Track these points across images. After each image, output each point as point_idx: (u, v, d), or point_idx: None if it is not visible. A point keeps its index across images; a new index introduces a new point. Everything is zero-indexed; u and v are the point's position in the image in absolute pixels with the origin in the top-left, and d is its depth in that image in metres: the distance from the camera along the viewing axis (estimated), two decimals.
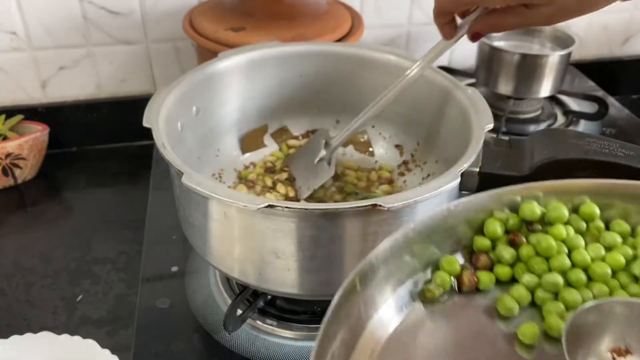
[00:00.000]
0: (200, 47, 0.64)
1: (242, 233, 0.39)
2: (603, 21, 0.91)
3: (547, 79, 0.73)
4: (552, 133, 0.44)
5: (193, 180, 0.37)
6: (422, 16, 0.83)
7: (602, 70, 0.94)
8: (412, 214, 0.38)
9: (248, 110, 0.56)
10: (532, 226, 0.37)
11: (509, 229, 0.37)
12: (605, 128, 0.77)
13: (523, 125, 0.76)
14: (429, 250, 0.35)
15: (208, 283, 0.52)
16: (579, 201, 0.37)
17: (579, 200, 0.37)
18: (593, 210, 0.37)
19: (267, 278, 0.41)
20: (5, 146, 0.69)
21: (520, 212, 0.37)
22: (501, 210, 0.37)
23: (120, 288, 0.59)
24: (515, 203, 0.37)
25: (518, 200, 0.37)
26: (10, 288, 0.58)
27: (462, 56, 0.89)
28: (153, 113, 0.43)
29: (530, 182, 0.37)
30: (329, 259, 0.39)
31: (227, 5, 0.66)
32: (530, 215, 0.36)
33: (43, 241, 0.64)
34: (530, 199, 0.37)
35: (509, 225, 0.37)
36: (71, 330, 0.54)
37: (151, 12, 0.74)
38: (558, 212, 0.36)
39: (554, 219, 0.36)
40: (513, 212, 0.37)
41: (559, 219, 0.36)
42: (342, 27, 0.64)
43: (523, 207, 0.37)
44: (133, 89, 0.79)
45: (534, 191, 0.37)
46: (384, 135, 0.57)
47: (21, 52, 0.73)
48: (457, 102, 0.47)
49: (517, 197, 0.37)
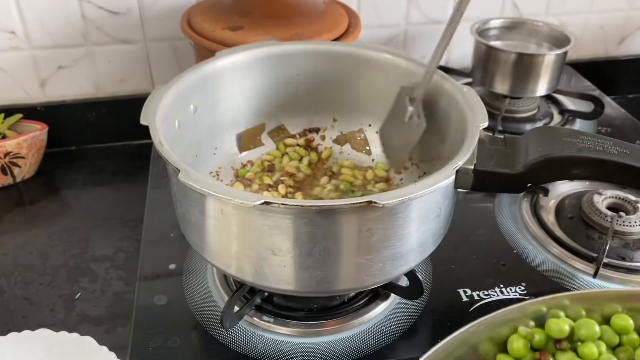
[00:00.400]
0: (198, 47, 0.64)
1: (238, 230, 0.40)
2: (599, 21, 0.92)
3: (543, 78, 0.73)
4: (547, 131, 0.44)
5: (190, 178, 0.37)
6: (419, 15, 0.84)
7: (598, 70, 0.95)
8: (407, 210, 0.39)
9: (245, 109, 0.56)
10: (560, 344, 0.34)
11: (535, 347, 0.34)
12: (601, 127, 0.77)
13: (519, 124, 0.77)
14: None
15: (205, 280, 0.52)
16: (609, 311, 0.35)
17: (610, 310, 0.35)
18: (627, 322, 0.34)
19: (263, 275, 0.41)
20: (4, 145, 0.69)
21: (546, 329, 0.35)
22: (526, 324, 0.35)
23: (119, 286, 0.59)
24: (542, 314, 0.35)
25: (544, 310, 0.35)
26: (9, 285, 0.59)
27: (458, 55, 0.89)
28: (150, 111, 0.43)
29: (556, 294, 0.35)
30: (325, 255, 0.39)
31: (225, 4, 0.66)
32: (557, 333, 0.34)
33: (41, 239, 0.65)
34: (556, 308, 0.35)
35: (534, 343, 0.34)
36: (69, 327, 0.54)
37: (149, 12, 0.74)
38: (589, 329, 0.34)
39: (584, 337, 0.34)
40: (539, 326, 0.35)
41: (589, 337, 0.34)
42: (339, 27, 0.64)
43: (550, 323, 0.34)
44: (131, 88, 0.80)
45: (561, 301, 0.35)
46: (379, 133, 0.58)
47: (20, 51, 0.74)
48: (452, 101, 0.48)
49: (542, 308, 0.35)
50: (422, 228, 0.41)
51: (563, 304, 0.36)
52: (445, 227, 0.45)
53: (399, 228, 0.39)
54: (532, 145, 0.43)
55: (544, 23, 0.80)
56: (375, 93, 0.55)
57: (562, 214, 0.61)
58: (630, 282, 0.53)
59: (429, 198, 0.40)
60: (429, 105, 0.51)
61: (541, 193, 0.62)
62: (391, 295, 0.50)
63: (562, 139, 0.42)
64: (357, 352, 0.46)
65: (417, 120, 0.51)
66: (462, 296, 0.51)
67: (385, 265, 0.41)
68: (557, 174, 0.41)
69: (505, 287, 0.52)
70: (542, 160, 0.41)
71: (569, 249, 0.56)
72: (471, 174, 0.42)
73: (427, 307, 0.50)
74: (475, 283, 0.52)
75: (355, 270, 0.41)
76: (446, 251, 0.51)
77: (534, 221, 0.59)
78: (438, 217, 0.42)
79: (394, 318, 0.49)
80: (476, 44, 0.76)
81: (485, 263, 0.55)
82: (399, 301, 0.50)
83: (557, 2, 0.88)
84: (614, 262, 0.54)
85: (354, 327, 0.48)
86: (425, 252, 0.44)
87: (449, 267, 0.54)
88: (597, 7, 0.90)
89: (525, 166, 0.42)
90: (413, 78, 0.52)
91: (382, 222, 0.38)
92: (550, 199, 0.62)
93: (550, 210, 0.61)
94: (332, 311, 0.48)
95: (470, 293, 0.51)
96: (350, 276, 0.41)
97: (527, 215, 0.60)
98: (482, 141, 0.43)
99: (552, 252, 0.56)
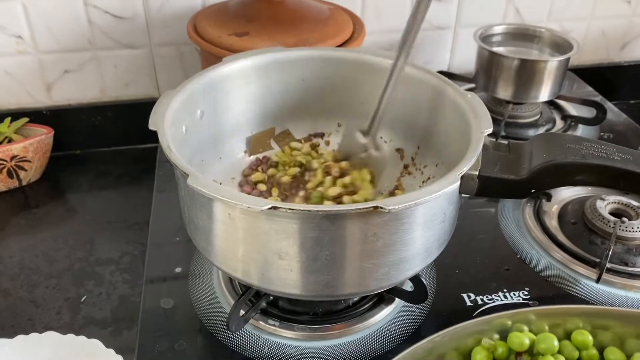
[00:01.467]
0: (204, 52, 0.65)
1: (245, 234, 0.40)
2: (601, 27, 0.92)
3: (546, 84, 0.74)
4: (550, 137, 0.45)
5: (198, 182, 0.37)
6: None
7: (600, 76, 0.95)
8: (412, 216, 0.39)
9: (251, 114, 0.56)
10: (520, 357, 0.36)
11: (497, 359, 0.36)
12: (603, 133, 0.78)
13: (522, 130, 0.77)
14: None
15: (211, 284, 0.53)
16: (572, 326, 0.37)
17: (572, 325, 0.37)
18: (586, 338, 0.36)
19: (270, 279, 0.41)
20: (10, 148, 0.69)
21: (508, 342, 0.36)
22: (491, 336, 0.37)
23: (124, 289, 0.59)
24: (506, 328, 0.37)
25: (509, 324, 0.37)
26: (15, 288, 0.59)
27: (461, 61, 0.90)
28: (159, 116, 0.44)
29: (520, 309, 0.37)
30: (331, 260, 0.39)
31: (231, 10, 0.67)
32: (518, 346, 0.36)
33: (47, 242, 0.65)
34: (520, 322, 0.36)
35: (497, 355, 0.36)
36: (75, 330, 0.54)
37: (155, 17, 0.75)
38: (548, 343, 0.36)
39: (543, 350, 0.36)
40: (503, 339, 0.36)
41: (548, 351, 0.36)
42: (344, 33, 0.65)
43: (511, 336, 0.36)
44: (137, 93, 0.80)
45: (526, 315, 0.37)
46: (384, 139, 0.58)
47: (27, 55, 0.74)
48: (456, 107, 0.48)
49: (507, 322, 0.37)
50: (427, 233, 0.41)
51: (528, 319, 0.37)
52: (450, 232, 0.45)
53: (404, 233, 0.40)
54: (536, 151, 0.43)
55: (546, 29, 0.80)
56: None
57: (565, 219, 0.61)
58: (632, 287, 0.53)
59: (434, 203, 0.40)
60: (433, 110, 0.52)
61: (544, 198, 0.62)
62: (395, 300, 0.50)
63: (566, 146, 0.42)
64: (362, 356, 0.46)
65: (375, 153, 0.51)
66: (466, 300, 0.51)
67: (391, 269, 0.41)
68: (561, 180, 0.42)
69: (508, 291, 0.52)
70: (546, 167, 0.41)
71: (572, 254, 0.56)
72: (476, 180, 0.42)
73: (431, 311, 0.50)
74: (479, 287, 0.53)
75: (361, 275, 0.41)
76: (450, 255, 0.51)
77: (537, 226, 0.60)
78: (443, 222, 0.42)
79: (399, 322, 0.49)
80: (479, 50, 0.77)
81: (488, 268, 0.55)
82: (403, 305, 0.50)
83: (559, 8, 0.89)
84: (616, 268, 0.54)
85: (358, 331, 0.48)
86: (430, 257, 0.44)
87: (453, 271, 0.55)
88: (599, 13, 0.91)
89: (529, 172, 0.42)
90: (417, 85, 0.52)
91: (387, 227, 0.39)
92: (553, 204, 0.63)
93: (553, 216, 0.62)
94: (337, 315, 0.49)
95: (474, 297, 0.52)
96: (356, 280, 0.41)
97: (530, 220, 0.61)
98: (486, 147, 0.44)
99: (555, 257, 0.56)
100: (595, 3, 0.90)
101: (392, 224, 0.39)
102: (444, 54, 0.89)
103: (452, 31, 0.87)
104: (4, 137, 0.72)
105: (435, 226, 0.42)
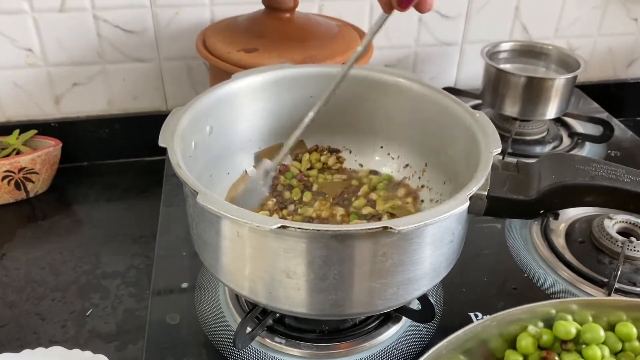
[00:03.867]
0: (212, 67, 0.65)
1: (254, 252, 0.40)
2: (608, 44, 0.93)
3: (553, 102, 0.74)
4: (559, 158, 0.45)
5: (208, 200, 0.38)
6: (429, 37, 0.85)
7: (607, 92, 0.95)
8: (422, 236, 0.39)
9: (259, 130, 0.57)
10: (566, 345, 0.36)
11: (542, 346, 0.36)
12: (610, 151, 0.78)
13: (529, 147, 0.77)
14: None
15: (217, 299, 0.52)
16: (615, 318, 0.37)
17: (615, 318, 0.37)
18: (630, 330, 0.36)
19: (277, 297, 0.41)
20: (18, 160, 0.70)
21: (554, 330, 0.37)
22: (535, 324, 0.37)
23: (129, 302, 0.59)
24: (550, 316, 0.37)
25: (553, 313, 0.37)
26: (21, 301, 0.59)
27: (467, 77, 0.90)
28: (168, 133, 0.44)
29: (565, 299, 0.38)
30: (340, 279, 0.39)
31: (240, 26, 0.67)
32: (564, 334, 0.36)
33: (53, 254, 0.65)
34: (564, 312, 0.37)
35: (542, 342, 0.37)
36: (81, 344, 0.54)
37: (164, 31, 0.76)
38: (594, 333, 0.36)
39: (589, 340, 0.36)
40: (547, 327, 0.37)
41: (594, 341, 0.36)
42: (352, 49, 0.65)
43: (557, 325, 0.37)
44: (145, 106, 0.81)
45: (569, 305, 0.37)
46: (392, 155, 0.58)
47: (36, 68, 0.75)
48: (465, 126, 0.48)
49: (552, 311, 0.37)
50: (435, 253, 0.41)
51: (571, 309, 0.38)
52: (458, 251, 0.45)
53: (413, 253, 0.39)
54: (545, 171, 0.43)
55: (553, 46, 0.81)
56: (388, 116, 0.56)
57: (573, 237, 0.61)
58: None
59: (444, 224, 0.40)
60: (441, 128, 0.52)
61: (551, 216, 0.62)
62: (402, 318, 0.50)
63: (575, 167, 0.42)
64: None
65: (262, 189, 0.52)
66: (474, 320, 0.51)
67: (399, 289, 0.41)
68: (570, 201, 0.42)
69: None
70: (556, 187, 0.41)
71: (580, 273, 0.56)
72: (485, 200, 0.42)
73: (439, 330, 0.50)
74: (487, 306, 0.52)
75: (369, 294, 0.41)
76: (457, 273, 0.51)
77: (544, 244, 0.60)
78: (451, 242, 0.42)
79: (405, 341, 0.49)
80: (486, 66, 0.77)
81: (496, 286, 0.55)
82: (410, 324, 0.50)
83: (566, 25, 0.89)
84: (625, 288, 0.54)
85: (365, 350, 0.48)
86: (438, 277, 0.44)
87: (460, 289, 0.54)
88: (606, 31, 0.91)
89: (538, 192, 0.42)
90: (426, 103, 0.52)
91: (396, 247, 0.38)
92: (560, 222, 0.63)
93: (561, 234, 0.61)
94: (343, 333, 0.49)
95: (482, 317, 0.51)
96: (364, 300, 0.41)
97: (537, 239, 0.60)
98: (495, 167, 0.44)
99: (562, 276, 0.56)
100: (602, 20, 0.90)
101: (401, 244, 0.39)
102: (451, 70, 0.89)
103: (459, 47, 0.87)
104: (12, 149, 0.73)
105: (444, 246, 0.42)
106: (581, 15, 0.89)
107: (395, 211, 0.53)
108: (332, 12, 0.78)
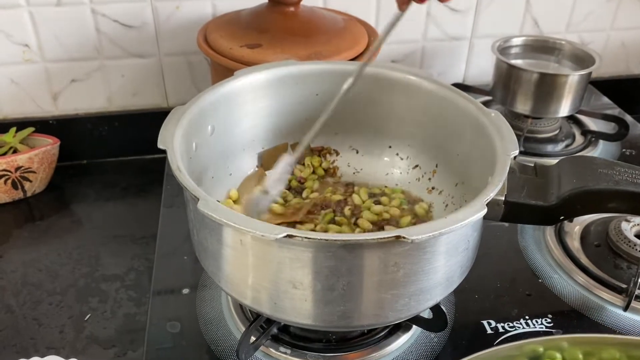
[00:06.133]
0: (214, 63, 0.63)
1: (258, 261, 0.38)
2: (621, 38, 0.90)
3: (567, 99, 0.72)
4: (580, 161, 0.42)
5: (209, 207, 0.35)
6: (437, 32, 0.82)
7: (619, 88, 0.93)
8: (436, 244, 0.37)
9: (263, 129, 0.55)
10: None
11: None
12: (625, 149, 0.75)
13: (541, 145, 0.75)
14: None
15: (220, 307, 0.51)
16: (607, 356, 0.36)
17: (608, 355, 0.36)
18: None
19: (283, 308, 0.39)
20: (15, 159, 0.68)
21: None
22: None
23: (129, 307, 0.57)
24: (538, 355, 0.36)
25: (541, 351, 0.36)
26: (18, 305, 0.57)
27: (476, 72, 0.87)
28: (168, 134, 0.42)
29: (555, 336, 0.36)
30: (349, 290, 0.37)
31: (243, 21, 0.65)
32: None
33: (51, 256, 0.63)
34: (553, 350, 0.35)
35: None
36: (78, 350, 0.53)
37: (164, 26, 0.73)
38: None
39: None
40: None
41: None
42: (359, 45, 0.63)
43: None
44: (144, 103, 0.79)
45: (559, 343, 0.36)
46: (401, 156, 0.56)
47: (33, 64, 0.73)
48: (479, 126, 0.46)
49: (540, 348, 0.36)
50: (450, 262, 0.39)
51: (560, 346, 0.36)
52: (473, 258, 0.43)
53: (426, 262, 0.37)
54: (565, 175, 0.41)
55: (566, 41, 0.78)
56: (397, 115, 0.54)
57: (588, 240, 0.58)
58: None
59: (459, 232, 0.38)
60: (454, 128, 0.50)
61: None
62: (413, 327, 0.48)
63: (598, 170, 0.40)
64: None
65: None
66: (487, 328, 0.49)
67: (411, 300, 0.39)
68: (592, 207, 0.40)
69: (530, 319, 0.50)
70: (577, 193, 0.39)
71: (596, 278, 0.54)
72: (502, 205, 0.40)
73: (450, 339, 0.48)
74: (500, 314, 0.50)
75: (379, 306, 0.39)
76: (469, 279, 0.49)
77: (558, 248, 0.57)
78: (466, 250, 0.40)
79: (416, 351, 0.47)
80: (497, 62, 0.75)
81: (509, 293, 0.53)
82: (421, 333, 0.48)
83: (578, 19, 0.86)
84: None
85: None
86: (452, 286, 0.42)
87: (472, 296, 0.52)
88: (619, 25, 0.88)
89: (558, 198, 0.40)
90: (438, 101, 0.50)
91: (409, 257, 0.36)
92: (575, 225, 0.60)
93: (576, 237, 0.59)
94: (351, 343, 0.47)
95: (495, 325, 0.49)
96: (374, 311, 0.39)
97: (551, 241, 0.58)
98: (512, 170, 0.41)
99: (578, 281, 0.54)
100: (616, 14, 0.87)
101: (414, 254, 0.36)
102: (459, 65, 0.87)
103: (468, 42, 0.85)
104: (9, 148, 0.71)
105: (459, 254, 0.40)
106: (594, 8, 0.86)
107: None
108: (337, 6, 0.75)
